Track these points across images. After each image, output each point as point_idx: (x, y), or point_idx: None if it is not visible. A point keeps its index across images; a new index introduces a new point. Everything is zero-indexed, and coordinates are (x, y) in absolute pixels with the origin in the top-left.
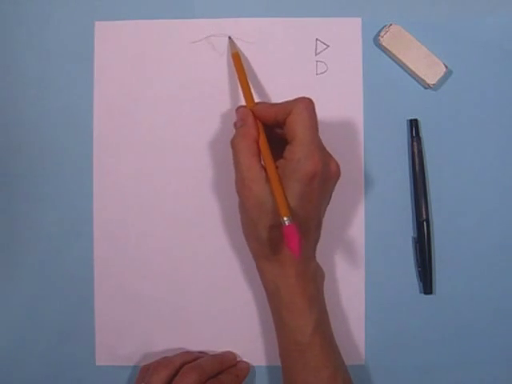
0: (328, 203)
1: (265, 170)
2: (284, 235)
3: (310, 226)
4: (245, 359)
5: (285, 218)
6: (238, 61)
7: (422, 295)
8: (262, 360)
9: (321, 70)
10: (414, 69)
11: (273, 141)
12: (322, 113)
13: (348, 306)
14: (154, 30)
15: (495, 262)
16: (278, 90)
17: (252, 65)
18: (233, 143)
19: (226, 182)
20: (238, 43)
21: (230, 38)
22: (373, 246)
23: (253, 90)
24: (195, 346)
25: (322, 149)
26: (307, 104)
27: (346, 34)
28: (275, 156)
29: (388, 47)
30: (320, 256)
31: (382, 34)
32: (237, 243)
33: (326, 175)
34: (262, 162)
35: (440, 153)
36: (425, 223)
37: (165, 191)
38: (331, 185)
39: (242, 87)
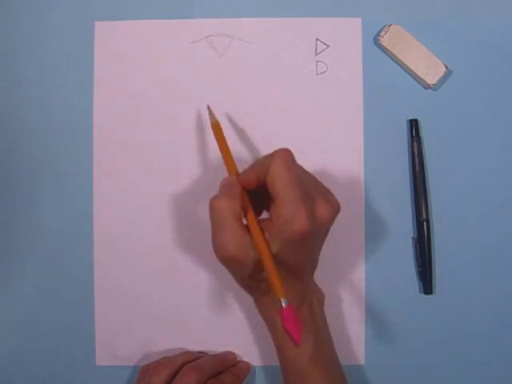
0: (324, 240)
1: (249, 233)
2: (282, 318)
3: (304, 269)
4: (245, 359)
5: (281, 300)
6: (218, 131)
7: (422, 295)
8: (261, 360)
9: (321, 70)
10: (414, 69)
11: (254, 198)
12: (321, 113)
13: (348, 306)
14: (154, 29)
15: (495, 261)
16: (278, 90)
17: (252, 65)
18: (216, 204)
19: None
20: (238, 43)
21: (208, 107)
22: (373, 246)
23: (253, 90)
24: (195, 346)
25: (307, 200)
26: (284, 158)
27: (345, 34)
28: (257, 208)
29: (388, 47)
30: (320, 256)
31: (382, 34)
32: None
33: (317, 227)
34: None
35: (440, 153)
36: (425, 223)
37: (165, 191)
38: (326, 230)
39: (225, 158)
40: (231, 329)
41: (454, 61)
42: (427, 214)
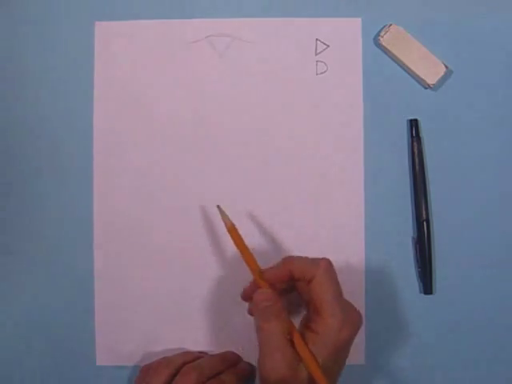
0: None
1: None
2: None
3: (340, 374)
4: (245, 359)
5: None
6: (234, 233)
7: (422, 295)
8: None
9: (321, 70)
10: (414, 69)
11: None
12: (321, 113)
13: None
14: (154, 30)
15: (495, 261)
16: (278, 90)
17: (252, 65)
18: (267, 328)
19: (226, 181)
20: (238, 43)
21: (219, 207)
22: (373, 246)
23: (253, 91)
24: (195, 346)
25: (348, 310)
26: (330, 268)
27: (346, 33)
28: None
29: (388, 47)
30: (320, 256)
31: (382, 34)
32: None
33: (356, 333)
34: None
35: (440, 153)
36: (425, 223)
37: (165, 191)
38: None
39: (246, 259)
40: (231, 329)
41: (454, 61)
42: (427, 214)
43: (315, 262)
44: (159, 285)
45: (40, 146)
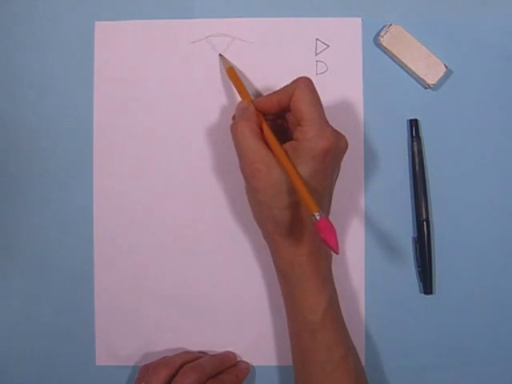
0: (337, 175)
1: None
2: (318, 230)
3: (324, 201)
4: (245, 359)
5: (315, 214)
6: (233, 75)
7: (422, 295)
8: (262, 360)
9: (321, 70)
10: (414, 69)
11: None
12: None
13: (348, 306)
14: (154, 29)
15: (495, 261)
16: None
17: (252, 65)
18: (235, 128)
19: (226, 180)
20: (238, 43)
21: (220, 54)
22: (373, 246)
23: (253, 91)
24: (195, 346)
25: (329, 124)
26: (307, 82)
27: (346, 33)
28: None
29: (388, 47)
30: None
31: (382, 33)
32: (238, 242)
33: (337, 149)
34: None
35: (440, 153)
36: (425, 223)
37: (165, 190)
38: (341, 158)
39: (238, 88)
40: (231, 329)
41: (454, 61)
42: (427, 214)
43: (295, 80)
44: (159, 285)
45: (40, 145)
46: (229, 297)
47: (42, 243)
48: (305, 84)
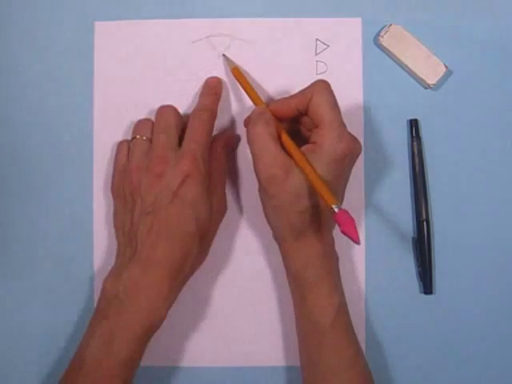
0: (350, 173)
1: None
2: (338, 223)
3: (339, 194)
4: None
5: (333, 206)
6: (239, 74)
7: (422, 295)
8: (262, 360)
9: (321, 70)
10: (414, 69)
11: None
12: None
13: (348, 305)
14: (154, 29)
15: (495, 261)
16: (278, 90)
17: (252, 65)
18: (253, 132)
19: (226, 180)
20: (238, 43)
21: (224, 55)
22: (373, 246)
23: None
24: (195, 346)
25: (347, 132)
26: (326, 85)
27: (346, 33)
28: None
29: (388, 47)
30: None
31: (382, 33)
32: (239, 242)
33: (354, 153)
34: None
35: (440, 153)
36: (425, 223)
37: None
38: (355, 161)
39: (250, 95)
40: (232, 329)
41: (454, 61)
42: (427, 214)
43: (313, 84)
44: None
45: (40, 145)
46: (230, 297)
47: (42, 243)
48: (323, 87)
